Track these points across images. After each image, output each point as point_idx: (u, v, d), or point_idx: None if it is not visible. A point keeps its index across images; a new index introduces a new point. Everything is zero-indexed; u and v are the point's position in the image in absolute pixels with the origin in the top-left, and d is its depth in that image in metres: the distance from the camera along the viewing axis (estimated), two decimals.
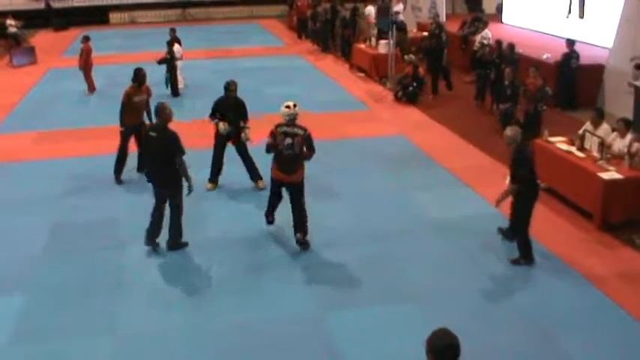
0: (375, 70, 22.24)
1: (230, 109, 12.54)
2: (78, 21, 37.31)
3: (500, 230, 10.58)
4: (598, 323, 8.46)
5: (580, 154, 11.90)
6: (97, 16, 38.83)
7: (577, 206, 11.64)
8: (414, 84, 18.92)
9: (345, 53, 25.56)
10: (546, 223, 11.02)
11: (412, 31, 25.92)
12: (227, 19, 37.38)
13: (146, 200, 11.09)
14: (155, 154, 10.14)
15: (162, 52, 20.83)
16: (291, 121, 10.36)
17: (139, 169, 13.23)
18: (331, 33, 27.72)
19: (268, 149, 10.36)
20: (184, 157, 9.98)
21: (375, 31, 24.08)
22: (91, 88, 21.41)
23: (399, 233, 10.85)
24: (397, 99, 19.31)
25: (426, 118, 17.62)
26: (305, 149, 10.23)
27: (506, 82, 15.68)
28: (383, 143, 15.48)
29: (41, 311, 9.00)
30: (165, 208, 10.35)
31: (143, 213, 10.75)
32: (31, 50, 27.92)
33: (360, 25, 25.51)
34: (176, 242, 10.46)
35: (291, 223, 10.56)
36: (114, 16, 39.68)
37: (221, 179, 13.08)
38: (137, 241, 10.63)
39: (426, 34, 22.69)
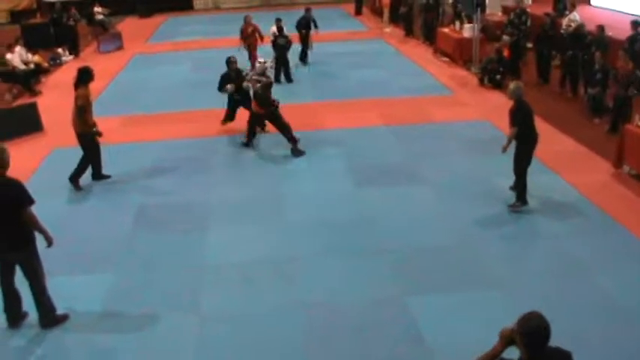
0: (459, 54, 21.93)
1: (234, 80, 15.32)
2: (163, 7, 37.94)
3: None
4: None
5: None
6: (182, 3, 39.40)
7: None
8: (501, 69, 18.61)
9: (429, 37, 25.30)
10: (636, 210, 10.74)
11: (497, 14, 25.49)
12: (310, 3, 37.37)
13: (235, 181, 11.19)
14: None
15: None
16: (262, 71, 15.27)
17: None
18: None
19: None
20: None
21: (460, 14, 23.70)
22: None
23: (482, 219, 10.70)
24: (482, 84, 19.03)
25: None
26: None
27: (596, 67, 15.27)
28: (467, 128, 15.30)
29: (129, 289, 9.23)
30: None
31: (228, 196, 10.88)
32: (118, 37, 28.48)
33: (444, 8, 25.20)
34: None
35: (376, 212, 10.62)
36: (198, 2, 40.20)
37: (305, 163, 13.28)
38: (222, 224, 10.85)
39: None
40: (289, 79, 20.37)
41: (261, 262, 9.77)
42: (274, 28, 20.83)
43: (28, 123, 15.96)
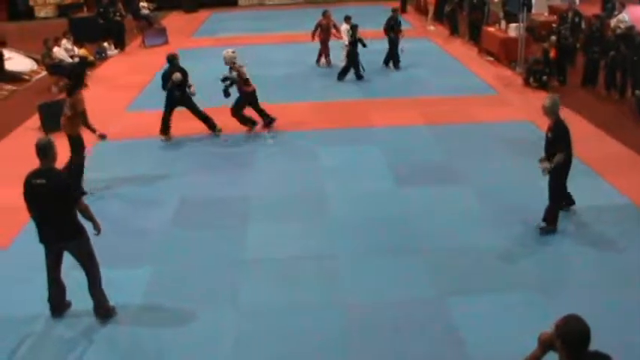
0: (504, 53, 21.70)
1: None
2: (207, 3, 38.09)
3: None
4: None
5: None
6: None
7: None
8: (547, 70, 18.38)
9: (474, 36, 25.10)
10: None
11: (544, 14, 25.18)
12: (354, 1, 37.31)
13: (277, 177, 11.22)
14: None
15: (293, 34, 21.10)
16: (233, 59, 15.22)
17: None
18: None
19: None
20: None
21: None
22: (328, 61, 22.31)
23: (524, 221, 10.55)
24: (527, 84, 18.82)
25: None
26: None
27: None
28: (511, 129, 15.13)
29: (168, 282, 9.30)
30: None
31: (272, 191, 10.88)
32: (163, 31, 28.68)
33: (490, 7, 24.97)
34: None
35: (417, 211, 10.67)
36: None
37: (343, 161, 13.32)
38: (263, 218, 10.93)
39: (556, 17, 21.95)
40: (359, 77, 20.13)
41: (301, 259, 9.78)
42: (346, 26, 20.71)
43: None
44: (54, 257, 8.18)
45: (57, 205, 7.82)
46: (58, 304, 8.45)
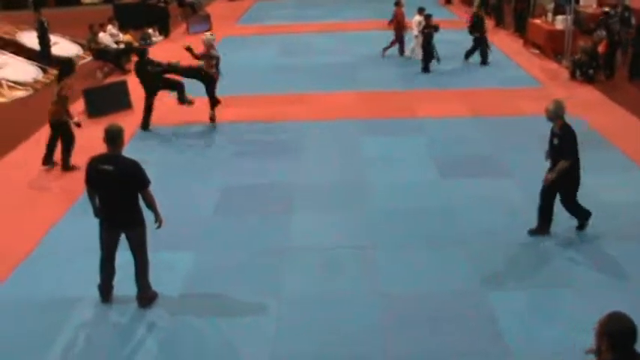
0: (550, 46, 21.42)
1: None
2: None
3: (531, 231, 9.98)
4: None
5: None
6: None
7: None
8: (594, 64, 18.12)
9: (519, 28, 24.82)
10: None
11: (592, 6, 24.81)
12: None
13: (321, 166, 11.20)
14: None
15: (335, 22, 21.05)
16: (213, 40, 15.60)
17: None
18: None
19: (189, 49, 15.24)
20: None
21: (551, 6, 23.17)
22: (401, 50, 22.18)
23: (567, 218, 10.35)
24: (573, 77, 18.56)
25: (604, 98, 16.82)
26: None
27: None
28: None
29: (210, 268, 9.35)
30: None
31: (315, 179, 10.90)
32: (207, 18, 28.83)
33: None
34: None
35: (459, 203, 10.67)
36: None
37: (387, 151, 13.36)
38: (306, 207, 10.98)
39: (607, 9, 21.58)
40: (426, 69, 20.02)
41: (342, 248, 9.76)
42: (419, 18, 20.64)
43: (118, 100, 16.29)
44: (111, 241, 8.29)
45: (122, 192, 7.95)
46: (108, 289, 8.53)
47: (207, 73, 15.30)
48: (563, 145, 9.33)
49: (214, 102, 15.56)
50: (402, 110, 16.18)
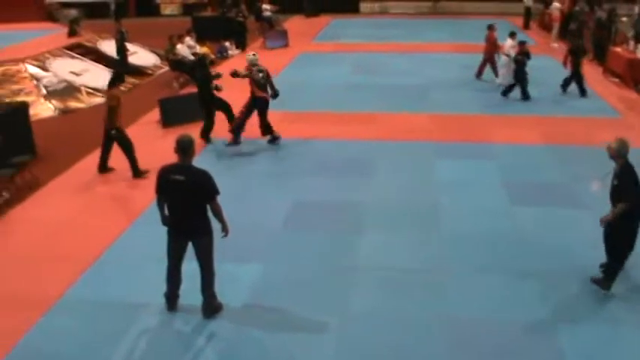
0: (630, 75, 20.93)
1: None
2: (329, 9, 38.44)
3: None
4: None
5: None
6: (348, 5, 39.87)
7: None
8: None
9: (599, 56, 24.36)
10: None
11: None
12: (477, 14, 36.87)
13: (392, 186, 11.14)
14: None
15: (414, 43, 20.97)
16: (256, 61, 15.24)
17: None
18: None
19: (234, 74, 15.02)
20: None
21: (632, 33, 22.67)
22: (495, 72, 21.64)
23: None
24: None
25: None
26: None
27: None
28: (635, 155, 14.43)
29: (276, 283, 9.36)
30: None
31: (386, 200, 10.88)
32: (284, 34, 29.07)
33: (618, 26, 24.18)
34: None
35: (531, 232, 10.54)
36: (364, 6, 40.60)
37: (459, 175, 13.23)
38: (376, 226, 10.94)
39: None
40: (526, 95, 19.40)
41: (410, 271, 9.67)
42: (511, 42, 20.25)
43: (192, 111, 16.47)
44: (178, 250, 8.38)
45: (193, 202, 8.06)
46: (173, 298, 8.62)
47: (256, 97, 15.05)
48: (622, 187, 8.90)
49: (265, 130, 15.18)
50: (475, 134, 15.99)
